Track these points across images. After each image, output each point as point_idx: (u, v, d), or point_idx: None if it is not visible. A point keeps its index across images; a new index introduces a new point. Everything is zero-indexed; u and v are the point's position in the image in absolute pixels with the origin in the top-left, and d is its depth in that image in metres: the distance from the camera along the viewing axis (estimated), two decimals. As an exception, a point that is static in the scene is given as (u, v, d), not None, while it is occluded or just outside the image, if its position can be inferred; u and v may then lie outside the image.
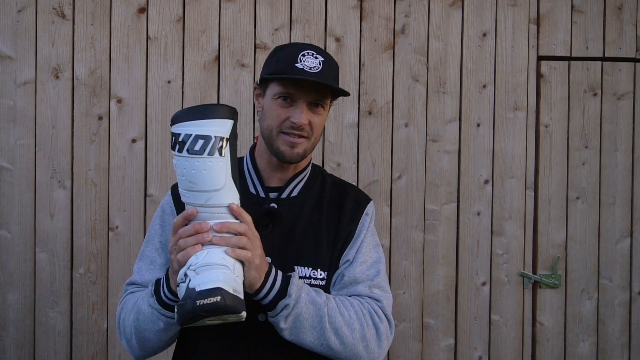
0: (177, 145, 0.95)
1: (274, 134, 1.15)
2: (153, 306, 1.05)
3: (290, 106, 1.13)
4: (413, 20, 2.17)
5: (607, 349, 2.24)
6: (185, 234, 0.97)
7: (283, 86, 1.12)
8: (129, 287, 1.21)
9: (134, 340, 1.12)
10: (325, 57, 1.15)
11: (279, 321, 1.04)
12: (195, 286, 0.89)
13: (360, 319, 1.11)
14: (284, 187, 1.21)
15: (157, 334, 1.08)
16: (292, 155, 1.15)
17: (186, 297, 0.89)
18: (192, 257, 0.95)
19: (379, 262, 1.22)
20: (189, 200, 0.98)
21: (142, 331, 1.09)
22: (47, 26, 2.03)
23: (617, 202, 2.24)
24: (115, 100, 2.06)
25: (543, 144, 2.21)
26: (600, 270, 2.24)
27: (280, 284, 1.04)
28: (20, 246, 2.03)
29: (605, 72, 2.24)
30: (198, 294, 0.87)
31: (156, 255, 1.20)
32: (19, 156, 2.03)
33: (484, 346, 2.19)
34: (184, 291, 0.92)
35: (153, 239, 1.22)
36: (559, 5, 2.21)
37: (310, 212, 1.20)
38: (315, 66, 1.12)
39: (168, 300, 1.04)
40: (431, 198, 2.17)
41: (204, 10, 2.09)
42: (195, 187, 0.97)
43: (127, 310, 1.14)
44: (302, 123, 1.12)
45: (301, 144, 1.15)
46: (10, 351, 2.03)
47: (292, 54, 1.13)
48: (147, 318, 1.07)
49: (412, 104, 2.16)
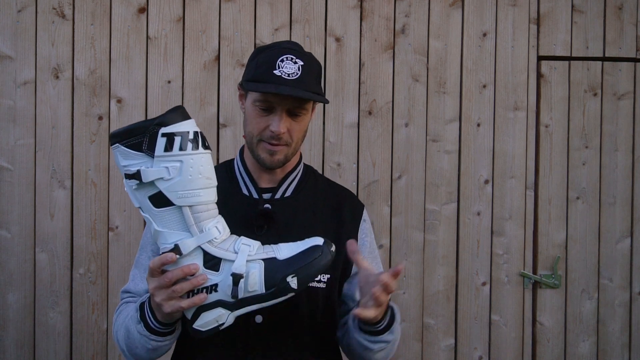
0: (189, 144, 0.93)
1: (255, 142, 1.15)
2: (141, 333, 1.05)
3: (270, 114, 1.12)
4: (413, 20, 2.17)
5: (607, 349, 2.24)
6: (174, 277, 0.95)
7: (261, 94, 1.11)
8: (125, 295, 1.22)
9: (127, 352, 1.13)
10: (305, 61, 1.12)
11: (372, 348, 1.10)
12: (306, 246, 0.98)
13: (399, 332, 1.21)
14: (277, 187, 1.21)
15: (148, 352, 1.09)
16: (273, 162, 1.15)
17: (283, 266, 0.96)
18: None
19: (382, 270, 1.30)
20: (203, 199, 0.96)
21: (133, 348, 1.09)
22: (47, 26, 2.03)
23: (617, 202, 2.24)
24: (115, 100, 2.06)
25: (543, 144, 2.21)
26: (601, 270, 2.24)
27: (388, 319, 1.09)
28: (20, 246, 2.03)
29: (605, 72, 2.24)
30: (325, 244, 0.98)
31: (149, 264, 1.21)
32: (19, 156, 2.03)
33: (484, 346, 2.19)
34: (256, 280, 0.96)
35: (145, 247, 1.22)
36: (559, 5, 2.21)
37: (304, 213, 1.20)
38: (293, 72, 1.09)
39: (156, 327, 1.04)
40: (431, 198, 2.17)
41: (204, 10, 2.09)
42: (211, 183, 0.97)
43: (119, 324, 1.14)
44: (280, 132, 1.10)
45: (281, 151, 1.14)
46: (10, 351, 2.02)
47: (271, 59, 1.11)
48: (136, 339, 1.07)
49: (412, 104, 2.16)
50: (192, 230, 0.96)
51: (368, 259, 1.26)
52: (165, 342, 1.07)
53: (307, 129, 1.20)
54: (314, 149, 2.11)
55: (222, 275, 0.96)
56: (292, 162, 1.24)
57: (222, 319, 0.98)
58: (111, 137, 0.94)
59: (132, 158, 0.93)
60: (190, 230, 0.96)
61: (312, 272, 0.97)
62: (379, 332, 1.08)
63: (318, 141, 2.12)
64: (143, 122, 0.93)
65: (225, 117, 2.09)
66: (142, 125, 0.92)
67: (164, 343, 1.07)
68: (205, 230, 0.96)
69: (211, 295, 0.97)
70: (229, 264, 0.96)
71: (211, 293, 0.97)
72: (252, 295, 0.96)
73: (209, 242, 0.97)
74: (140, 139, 0.92)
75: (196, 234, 0.96)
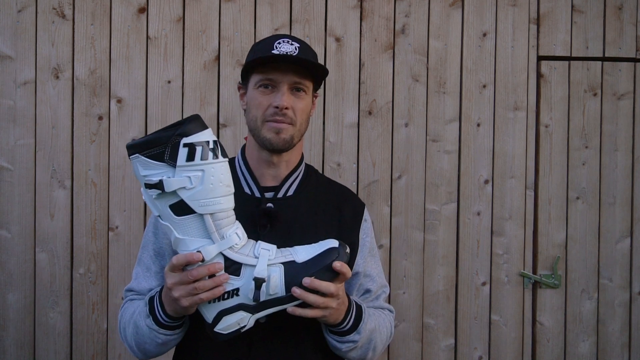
0: (210, 153, 0.95)
1: (259, 123, 1.15)
2: (150, 327, 1.07)
3: (272, 92, 1.14)
4: (413, 20, 2.17)
5: (607, 349, 2.24)
6: (199, 275, 0.97)
7: (262, 73, 1.13)
8: (128, 293, 1.23)
9: (135, 348, 1.15)
10: (301, 44, 1.16)
11: (340, 348, 1.15)
12: (323, 249, 1.02)
13: (388, 332, 1.24)
14: (280, 186, 1.21)
15: (157, 347, 1.12)
16: (279, 141, 1.15)
17: (309, 265, 1.00)
18: None
19: (382, 269, 1.33)
20: (223, 207, 0.98)
21: (142, 344, 1.12)
22: (47, 26, 2.03)
23: (617, 202, 2.24)
24: (115, 100, 2.06)
25: (543, 144, 2.21)
26: (600, 270, 2.24)
27: (353, 321, 1.12)
28: (20, 246, 2.03)
29: (605, 72, 2.24)
30: (341, 245, 1.02)
31: (151, 263, 1.21)
32: (19, 156, 2.03)
33: (484, 346, 2.19)
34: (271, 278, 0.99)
35: (147, 246, 1.23)
36: (559, 5, 2.22)
37: (307, 212, 1.21)
38: (291, 51, 1.13)
39: (165, 322, 1.07)
40: (431, 198, 2.17)
41: (204, 10, 2.09)
42: (230, 190, 1.00)
43: (126, 320, 1.16)
44: (283, 105, 1.11)
45: (286, 130, 1.15)
46: (10, 351, 2.03)
47: (268, 43, 1.15)
48: (145, 334, 1.09)
49: (412, 104, 2.16)
50: (213, 237, 0.98)
51: (368, 258, 1.26)
52: (174, 336, 1.10)
53: (309, 116, 1.21)
54: (314, 149, 2.11)
55: (243, 279, 1.00)
56: (294, 160, 1.24)
57: (244, 322, 1.02)
58: (129, 147, 0.95)
59: (152, 168, 0.94)
60: (211, 237, 0.98)
61: (330, 273, 1.00)
62: (343, 332, 1.11)
63: (318, 141, 2.12)
64: (163, 132, 0.94)
65: (225, 117, 2.09)
66: (162, 135, 0.93)
67: (172, 337, 1.10)
68: (227, 237, 0.99)
69: (232, 299, 1.00)
70: (250, 269, 0.99)
71: (232, 297, 1.00)
72: (273, 297, 1.00)
73: (230, 248, 0.99)
74: (161, 149, 0.93)
75: (217, 240, 0.98)
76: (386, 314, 1.27)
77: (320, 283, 0.99)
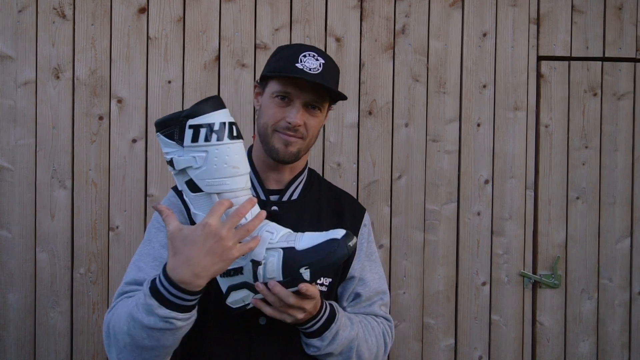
0: (214, 134, 0.97)
1: (269, 132, 1.15)
2: (167, 316, 0.94)
3: (287, 106, 1.13)
4: (413, 20, 2.17)
5: (607, 349, 2.24)
6: (245, 210, 0.98)
7: (281, 85, 1.12)
8: (128, 286, 1.11)
9: (130, 347, 0.99)
10: (326, 60, 1.15)
11: (307, 350, 1.14)
12: (325, 239, 1.01)
13: (379, 341, 1.20)
14: (285, 190, 1.21)
15: (174, 340, 0.99)
16: (286, 154, 1.15)
17: (322, 248, 0.99)
18: (267, 237, 1.03)
19: (383, 276, 1.30)
20: (229, 187, 0.99)
21: (140, 340, 0.97)
22: (47, 26, 2.03)
23: (617, 202, 2.24)
24: (116, 100, 2.06)
25: (543, 144, 2.22)
26: (600, 270, 2.24)
27: (319, 327, 1.10)
28: (20, 246, 2.03)
29: (605, 72, 2.24)
30: (344, 237, 1.00)
31: (158, 254, 1.13)
32: (20, 156, 2.03)
33: (484, 346, 2.19)
34: (280, 257, 1.00)
35: (152, 240, 1.16)
36: (559, 5, 2.22)
37: (310, 217, 1.21)
38: (315, 67, 1.12)
39: (185, 299, 0.94)
40: (431, 198, 2.17)
41: (204, 10, 2.09)
42: (239, 172, 1.01)
43: (120, 319, 1.00)
44: (297, 123, 1.12)
45: (295, 143, 1.15)
46: (10, 351, 2.03)
47: (294, 54, 1.13)
48: (150, 325, 0.95)
49: (412, 104, 2.16)
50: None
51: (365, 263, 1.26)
52: (186, 322, 0.97)
53: (319, 131, 1.21)
54: (314, 149, 2.11)
55: (246, 259, 1.02)
56: (300, 164, 1.25)
57: (248, 300, 1.04)
58: (155, 125, 1.01)
59: (168, 146, 0.99)
60: None
61: (325, 265, 0.99)
62: (306, 334, 1.10)
63: (318, 141, 2.12)
64: (177, 114, 0.98)
65: (226, 117, 2.09)
66: (174, 116, 0.98)
67: (188, 321, 0.97)
68: None
69: (238, 277, 1.03)
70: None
71: (237, 275, 1.03)
72: (271, 280, 1.01)
73: None
74: (172, 129, 0.98)
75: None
76: (379, 323, 1.23)
77: (280, 290, 0.97)
